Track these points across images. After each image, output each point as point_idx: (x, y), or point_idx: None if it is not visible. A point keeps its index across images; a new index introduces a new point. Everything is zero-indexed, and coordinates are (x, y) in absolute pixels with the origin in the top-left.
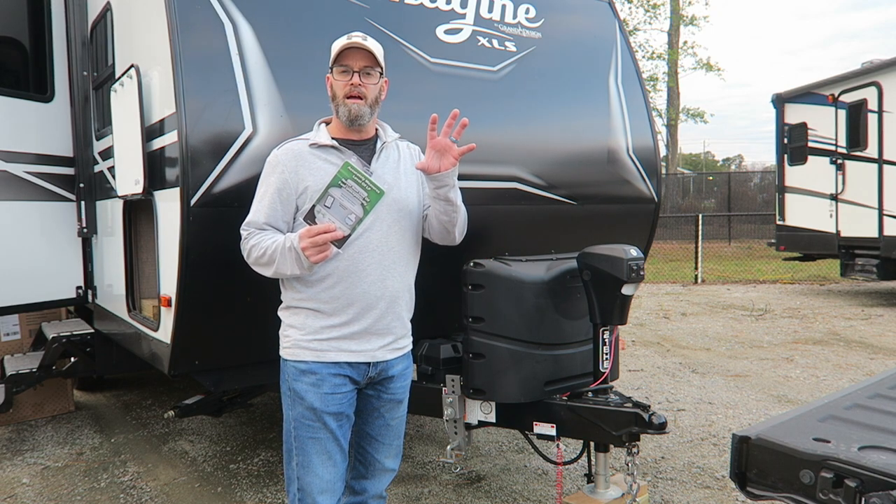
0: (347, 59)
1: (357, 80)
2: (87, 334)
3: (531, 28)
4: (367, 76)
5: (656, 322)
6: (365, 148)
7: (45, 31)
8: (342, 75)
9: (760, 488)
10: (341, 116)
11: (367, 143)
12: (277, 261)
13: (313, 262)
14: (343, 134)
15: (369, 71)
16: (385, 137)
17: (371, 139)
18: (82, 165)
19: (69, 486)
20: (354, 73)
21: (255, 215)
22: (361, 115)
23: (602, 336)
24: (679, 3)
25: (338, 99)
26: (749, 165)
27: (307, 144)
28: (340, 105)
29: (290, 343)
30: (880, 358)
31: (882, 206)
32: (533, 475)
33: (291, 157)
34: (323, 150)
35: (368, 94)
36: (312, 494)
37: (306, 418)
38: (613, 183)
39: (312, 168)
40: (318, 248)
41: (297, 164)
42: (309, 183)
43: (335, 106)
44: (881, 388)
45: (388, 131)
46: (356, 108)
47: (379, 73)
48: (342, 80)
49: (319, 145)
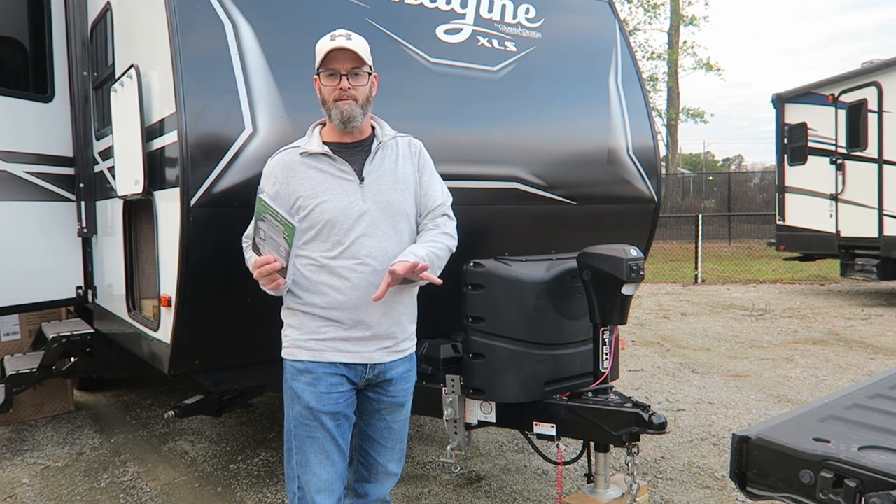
0: (333, 63)
1: (346, 83)
2: (87, 334)
3: (531, 28)
4: (355, 77)
5: (656, 322)
6: (360, 150)
7: (45, 31)
8: (330, 79)
9: (760, 488)
10: (334, 119)
11: (363, 145)
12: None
13: (269, 290)
14: (338, 137)
15: (357, 72)
16: (381, 136)
17: (367, 139)
18: (82, 165)
19: (69, 486)
20: (342, 77)
21: (251, 227)
22: (354, 115)
23: (602, 336)
24: (679, 3)
25: (328, 103)
26: (749, 165)
27: (298, 153)
28: (332, 108)
29: (288, 343)
30: (880, 358)
31: (882, 206)
32: (533, 475)
33: (282, 169)
34: (314, 157)
35: (359, 96)
36: (311, 493)
37: (304, 417)
38: (613, 183)
39: (303, 178)
40: (267, 278)
41: (287, 175)
42: (301, 193)
43: (326, 110)
44: (881, 388)
45: (385, 129)
46: (348, 108)
47: (367, 72)
48: (330, 84)
49: (310, 153)
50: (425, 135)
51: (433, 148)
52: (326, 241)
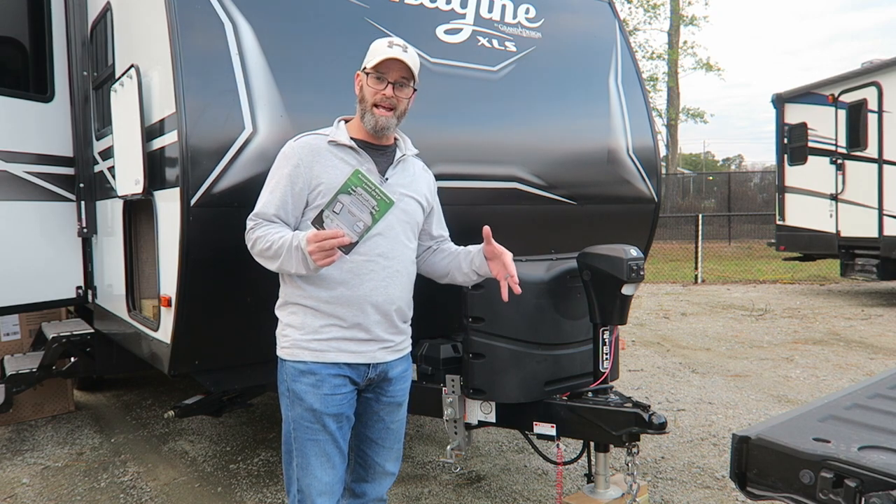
0: (385, 68)
1: (391, 91)
2: (87, 334)
3: (531, 28)
4: (400, 88)
5: (656, 322)
6: (383, 154)
7: (45, 31)
8: (376, 82)
9: (760, 488)
10: (367, 123)
11: (386, 150)
12: (283, 257)
13: (319, 265)
14: (363, 136)
15: (403, 83)
16: (405, 150)
17: (390, 146)
18: (82, 165)
19: (69, 486)
20: (389, 84)
21: (265, 206)
22: (388, 126)
23: (602, 336)
24: (679, 3)
25: (366, 103)
26: (749, 165)
27: (326, 140)
28: (368, 111)
29: (288, 343)
30: (880, 358)
31: (882, 206)
32: (533, 475)
33: (308, 152)
34: (341, 149)
35: (399, 107)
36: (312, 496)
37: (305, 420)
38: (613, 183)
39: (328, 166)
40: (325, 252)
41: (313, 159)
42: (323, 180)
43: (362, 109)
44: (881, 388)
45: (408, 144)
46: (384, 120)
47: (413, 87)
48: (375, 87)
49: (338, 144)
50: (425, 134)
51: (433, 148)
52: None
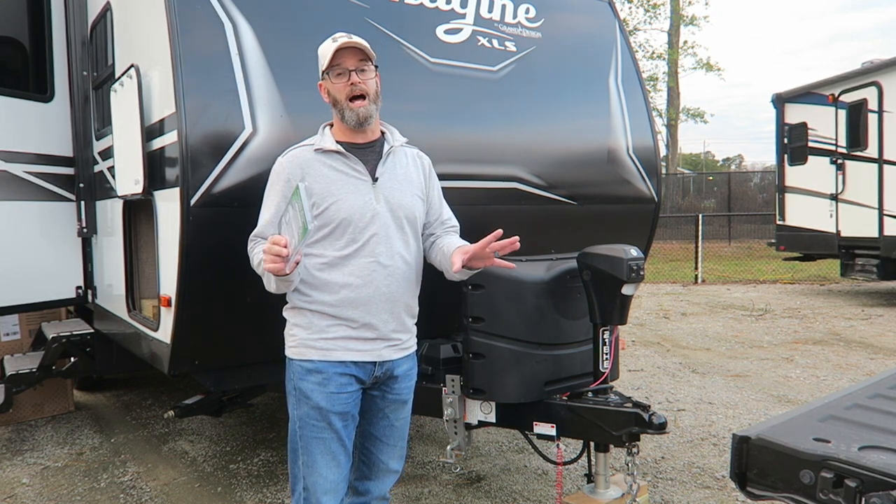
0: (340, 60)
1: (355, 78)
2: (87, 334)
3: (531, 28)
4: (362, 73)
5: (656, 322)
6: (371, 151)
7: (45, 31)
8: (339, 78)
9: (760, 488)
10: (349, 121)
11: (374, 146)
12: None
13: (265, 269)
14: (348, 137)
15: (364, 67)
16: (392, 141)
17: (377, 141)
18: (82, 165)
19: (69, 486)
20: (351, 73)
21: (264, 227)
22: (370, 115)
23: (602, 336)
24: (679, 3)
25: (340, 103)
26: (749, 165)
27: (311, 150)
28: (345, 109)
29: (296, 342)
30: (880, 358)
31: (882, 206)
32: (533, 475)
33: (296, 165)
34: (328, 155)
35: (370, 90)
36: (317, 494)
37: (312, 418)
38: (613, 183)
39: (318, 175)
40: (271, 256)
41: (303, 172)
42: (315, 190)
43: (339, 111)
44: (881, 388)
45: (395, 135)
46: (363, 110)
47: (373, 66)
48: (340, 82)
49: (325, 150)
50: (425, 135)
51: (433, 148)
52: (340, 239)
